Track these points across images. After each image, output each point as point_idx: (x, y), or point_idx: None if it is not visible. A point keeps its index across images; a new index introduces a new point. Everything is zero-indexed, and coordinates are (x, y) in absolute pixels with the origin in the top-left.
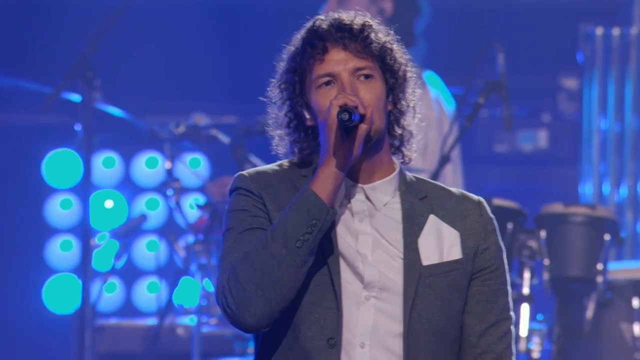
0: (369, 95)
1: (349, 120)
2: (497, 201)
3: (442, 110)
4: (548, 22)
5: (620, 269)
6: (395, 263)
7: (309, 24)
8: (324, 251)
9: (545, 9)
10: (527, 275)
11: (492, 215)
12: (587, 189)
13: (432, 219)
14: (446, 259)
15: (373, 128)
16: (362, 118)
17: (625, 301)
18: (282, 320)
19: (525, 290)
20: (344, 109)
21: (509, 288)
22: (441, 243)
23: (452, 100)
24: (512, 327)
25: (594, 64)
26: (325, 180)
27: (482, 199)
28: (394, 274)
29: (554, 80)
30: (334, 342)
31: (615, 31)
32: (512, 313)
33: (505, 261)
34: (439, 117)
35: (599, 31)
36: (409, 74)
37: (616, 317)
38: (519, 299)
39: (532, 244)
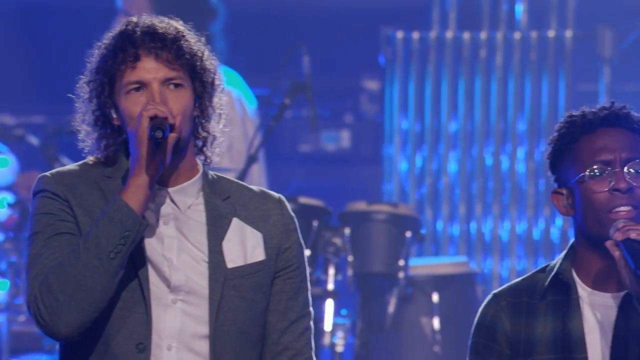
0: (177, 104)
1: (162, 138)
2: (303, 199)
3: (244, 109)
4: (351, 25)
5: (421, 265)
6: (200, 267)
7: (122, 26)
8: (132, 256)
9: (348, 13)
10: (331, 271)
11: (292, 214)
12: (389, 187)
13: (236, 222)
14: (250, 260)
15: (181, 137)
16: (172, 128)
17: (425, 296)
18: (93, 326)
19: (330, 286)
20: (157, 125)
21: (309, 284)
22: (245, 245)
23: (253, 99)
24: (312, 323)
25: (395, 66)
26: (137, 190)
27: (282, 197)
28: (200, 278)
29: (356, 82)
30: (143, 347)
31: (415, 35)
32: (311, 309)
33: (306, 258)
34: (242, 116)
35: (400, 35)
36: (217, 82)
37: (417, 312)
38: (324, 294)
39: (337, 241)
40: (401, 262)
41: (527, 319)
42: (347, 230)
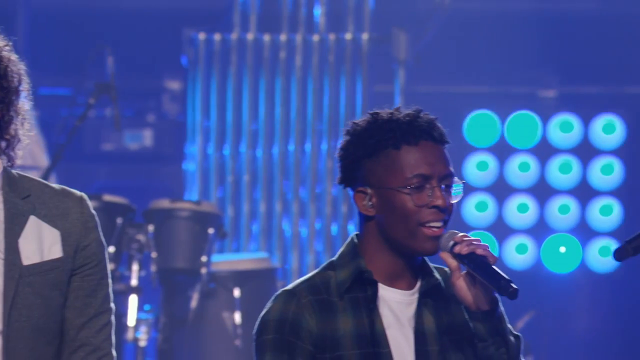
0: None
1: None
2: (107, 197)
3: None
4: (153, 26)
5: (223, 261)
6: None
7: None
8: None
9: (150, 14)
10: (135, 267)
11: (93, 212)
12: (191, 185)
13: (33, 220)
14: (46, 258)
15: None
16: None
17: (227, 291)
18: None
19: (134, 282)
20: None
21: (110, 281)
22: (42, 243)
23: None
24: (113, 319)
25: (197, 67)
26: None
27: (84, 195)
28: None
29: (158, 83)
30: None
31: (217, 36)
32: (112, 305)
33: (107, 256)
34: None
35: (202, 36)
36: (21, 86)
37: (219, 307)
38: (127, 290)
39: (141, 237)
40: (204, 258)
41: (330, 316)
42: (150, 227)
